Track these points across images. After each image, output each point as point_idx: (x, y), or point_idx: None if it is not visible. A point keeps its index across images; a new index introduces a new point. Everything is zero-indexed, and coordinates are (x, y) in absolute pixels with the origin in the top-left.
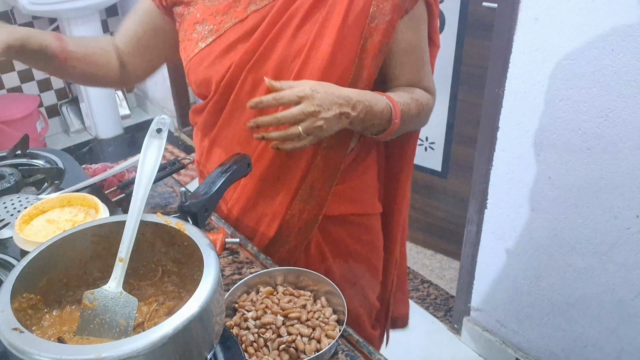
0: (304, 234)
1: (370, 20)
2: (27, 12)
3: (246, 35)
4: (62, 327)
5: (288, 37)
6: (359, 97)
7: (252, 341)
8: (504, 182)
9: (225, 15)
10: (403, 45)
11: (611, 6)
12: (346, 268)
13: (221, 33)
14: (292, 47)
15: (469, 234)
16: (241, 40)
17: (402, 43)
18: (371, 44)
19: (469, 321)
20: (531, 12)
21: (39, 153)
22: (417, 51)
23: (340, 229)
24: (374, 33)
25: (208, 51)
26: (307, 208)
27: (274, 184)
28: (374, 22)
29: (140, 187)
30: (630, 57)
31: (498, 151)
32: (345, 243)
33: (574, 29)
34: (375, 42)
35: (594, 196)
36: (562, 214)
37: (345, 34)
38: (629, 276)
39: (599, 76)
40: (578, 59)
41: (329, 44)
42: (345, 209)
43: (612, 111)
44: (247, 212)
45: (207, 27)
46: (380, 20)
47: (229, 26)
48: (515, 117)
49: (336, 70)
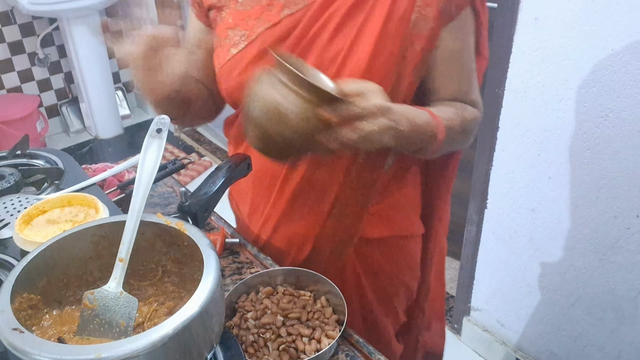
0: (337, 255)
1: (412, 27)
2: (27, 12)
3: (279, 41)
4: (62, 327)
5: (323, 43)
6: (401, 110)
7: (252, 341)
8: (504, 182)
9: (257, 20)
10: (447, 54)
11: (611, 6)
12: (378, 287)
13: (253, 38)
14: (327, 53)
15: (469, 234)
16: (274, 46)
17: (446, 52)
18: (412, 52)
19: (469, 321)
20: (531, 12)
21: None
22: (462, 61)
23: (376, 251)
24: (416, 40)
25: (240, 57)
26: (340, 227)
27: (305, 202)
28: (416, 29)
29: (140, 187)
30: (630, 57)
31: (498, 151)
32: (380, 264)
33: (574, 29)
34: (417, 50)
35: (594, 196)
36: (562, 214)
37: (384, 40)
38: (629, 276)
39: (599, 76)
40: (578, 59)
41: (367, 51)
42: (382, 231)
43: (612, 111)
44: (278, 232)
45: (239, 33)
46: (423, 27)
47: (261, 31)
48: (515, 117)
49: (373, 78)
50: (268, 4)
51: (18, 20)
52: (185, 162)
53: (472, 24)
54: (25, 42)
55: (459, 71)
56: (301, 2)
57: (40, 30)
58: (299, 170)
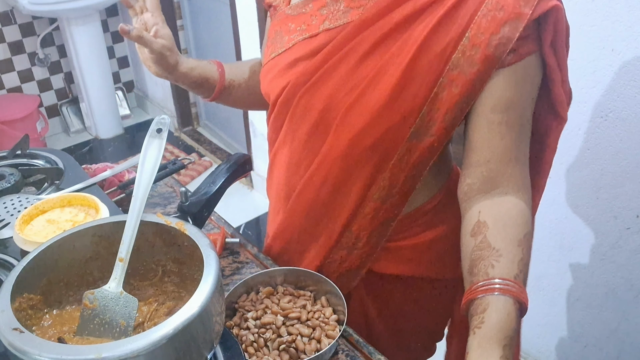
0: (344, 283)
1: (452, 68)
2: (27, 12)
3: (311, 54)
4: (62, 327)
5: (350, 65)
6: None
7: (252, 341)
8: None
9: (298, 28)
10: (490, 102)
11: (611, 6)
12: (392, 327)
13: (289, 46)
14: (352, 77)
15: None
16: (305, 58)
17: (490, 99)
18: (448, 94)
19: None
20: None
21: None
22: (514, 116)
23: (391, 287)
24: (454, 83)
25: (275, 62)
26: (349, 258)
27: (318, 223)
28: (456, 71)
29: (140, 187)
30: (630, 57)
31: None
32: (396, 303)
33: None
34: (454, 94)
35: (594, 196)
36: (562, 214)
37: (413, 75)
38: (629, 276)
39: (599, 76)
40: (578, 59)
41: (390, 83)
42: (400, 269)
43: (612, 111)
44: (291, 246)
45: (280, 37)
46: (465, 70)
47: (299, 40)
48: None
49: (393, 115)
50: (312, 14)
51: (18, 20)
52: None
53: (538, 75)
54: (25, 42)
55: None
56: (342, 18)
57: (40, 30)
58: (313, 186)
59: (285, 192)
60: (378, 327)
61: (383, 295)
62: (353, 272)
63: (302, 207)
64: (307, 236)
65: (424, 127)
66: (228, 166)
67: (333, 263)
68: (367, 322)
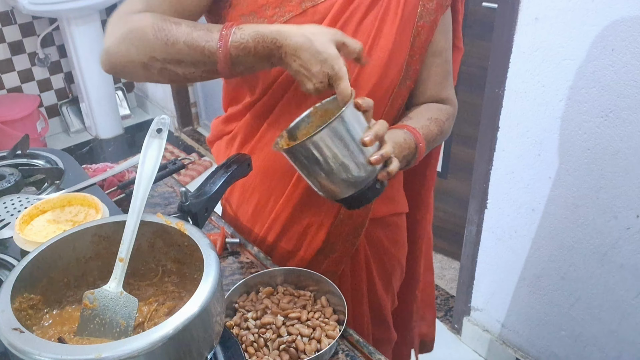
0: (352, 240)
1: (419, 19)
2: (27, 12)
3: None
4: (62, 327)
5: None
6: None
7: (252, 341)
8: (504, 182)
9: (277, 9)
10: (433, 48)
11: (611, 6)
12: (382, 267)
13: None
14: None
15: (469, 234)
16: None
17: (433, 45)
18: (419, 42)
19: (469, 321)
20: (531, 12)
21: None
22: (445, 56)
23: (381, 232)
24: (422, 31)
25: None
26: (355, 212)
27: None
28: (421, 21)
29: (140, 187)
30: (630, 57)
31: (498, 151)
32: (383, 245)
33: (574, 29)
34: (422, 41)
35: (594, 196)
36: (562, 214)
37: (400, 32)
38: (628, 276)
39: (599, 76)
40: (578, 59)
41: (390, 41)
42: (388, 209)
43: (612, 111)
44: (292, 224)
45: (256, 21)
46: (427, 18)
47: (284, 20)
48: (515, 117)
49: (392, 69)
50: None
51: (18, 20)
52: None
53: (451, 20)
54: (25, 42)
55: (441, 65)
56: None
57: (40, 30)
58: None
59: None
60: (375, 276)
61: (377, 242)
62: (360, 226)
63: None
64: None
65: (406, 75)
66: (228, 166)
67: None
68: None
